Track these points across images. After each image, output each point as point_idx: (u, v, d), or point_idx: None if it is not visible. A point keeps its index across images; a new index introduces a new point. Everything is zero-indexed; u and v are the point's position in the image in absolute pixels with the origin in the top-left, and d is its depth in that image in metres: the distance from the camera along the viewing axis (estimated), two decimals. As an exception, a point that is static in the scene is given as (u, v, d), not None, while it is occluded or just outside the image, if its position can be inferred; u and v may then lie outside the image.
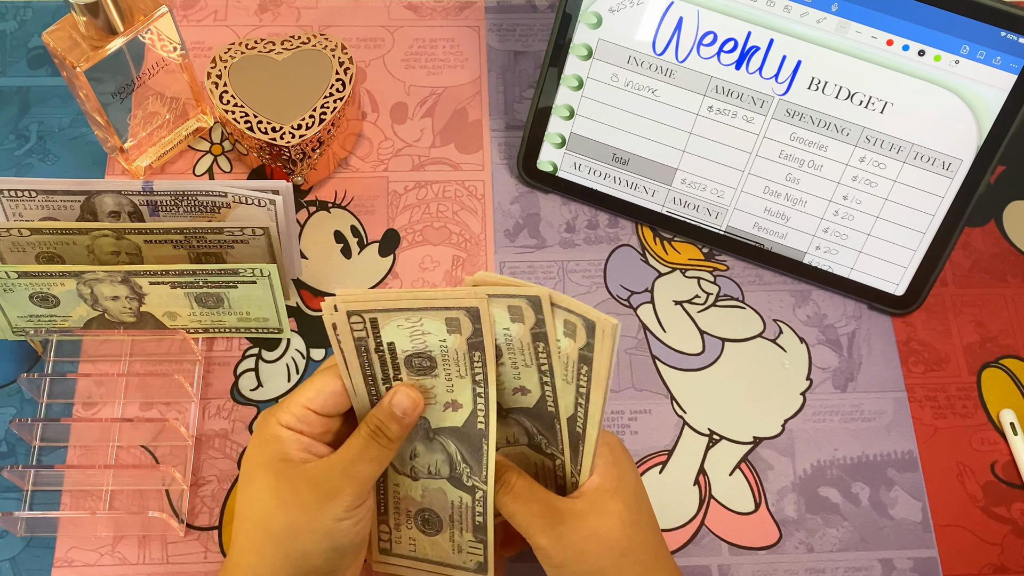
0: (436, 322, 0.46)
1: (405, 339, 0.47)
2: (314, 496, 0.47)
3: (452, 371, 0.48)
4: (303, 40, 0.69)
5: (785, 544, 0.63)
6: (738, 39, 0.63)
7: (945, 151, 0.63)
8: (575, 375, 0.47)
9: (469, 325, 0.46)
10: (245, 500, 0.49)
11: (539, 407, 0.50)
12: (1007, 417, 0.66)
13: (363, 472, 0.48)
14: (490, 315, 0.46)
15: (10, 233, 0.60)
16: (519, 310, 0.46)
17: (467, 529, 0.53)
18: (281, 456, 0.48)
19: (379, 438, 0.49)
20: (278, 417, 0.49)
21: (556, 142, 0.70)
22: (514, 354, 0.48)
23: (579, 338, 0.46)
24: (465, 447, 0.51)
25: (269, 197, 0.61)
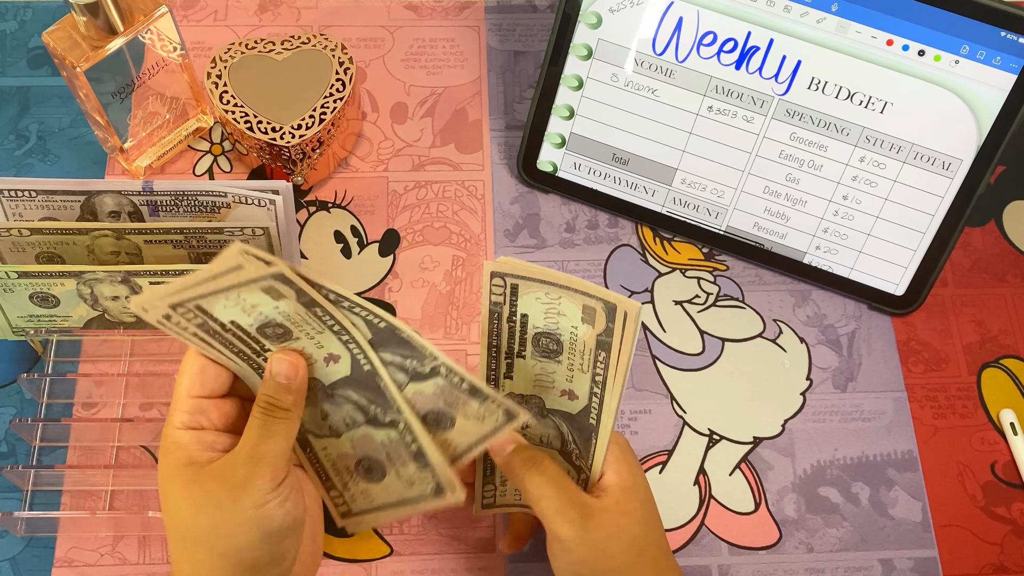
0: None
1: (540, 315, 0.46)
2: (226, 491, 0.46)
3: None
4: (303, 40, 0.69)
5: (785, 544, 0.63)
6: (738, 39, 0.63)
7: (945, 151, 0.63)
8: (591, 363, 0.47)
9: (603, 321, 0.45)
10: (166, 514, 0.48)
11: (581, 416, 0.50)
12: (1007, 417, 0.66)
13: (268, 450, 0.47)
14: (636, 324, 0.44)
15: (10, 233, 0.60)
16: (592, 312, 0.45)
17: (408, 460, 0.52)
18: (186, 461, 0.47)
19: (274, 412, 0.47)
20: (172, 422, 0.47)
21: (556, 142, 0.70)
22: (573, 356, 0.47)
23: (598, 324, 0.45)
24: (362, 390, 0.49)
25: (269, 197, 0.61)
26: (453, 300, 0.69)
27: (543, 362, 0.48)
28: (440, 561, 0.61)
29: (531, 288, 0.45)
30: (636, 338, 0.44)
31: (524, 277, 0.45)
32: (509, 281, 0.45)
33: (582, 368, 0.47)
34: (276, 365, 0.48)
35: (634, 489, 0.50)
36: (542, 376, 0.49)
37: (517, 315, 0.47)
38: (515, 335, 0.47)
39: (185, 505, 0.47)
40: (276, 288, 0.44)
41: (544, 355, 0.48)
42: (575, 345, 0.47)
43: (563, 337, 0.47)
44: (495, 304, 0.46)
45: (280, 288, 0.44)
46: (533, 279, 0.45)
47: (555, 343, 0.47)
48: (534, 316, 0.46)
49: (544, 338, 0.47)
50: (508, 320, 0.47)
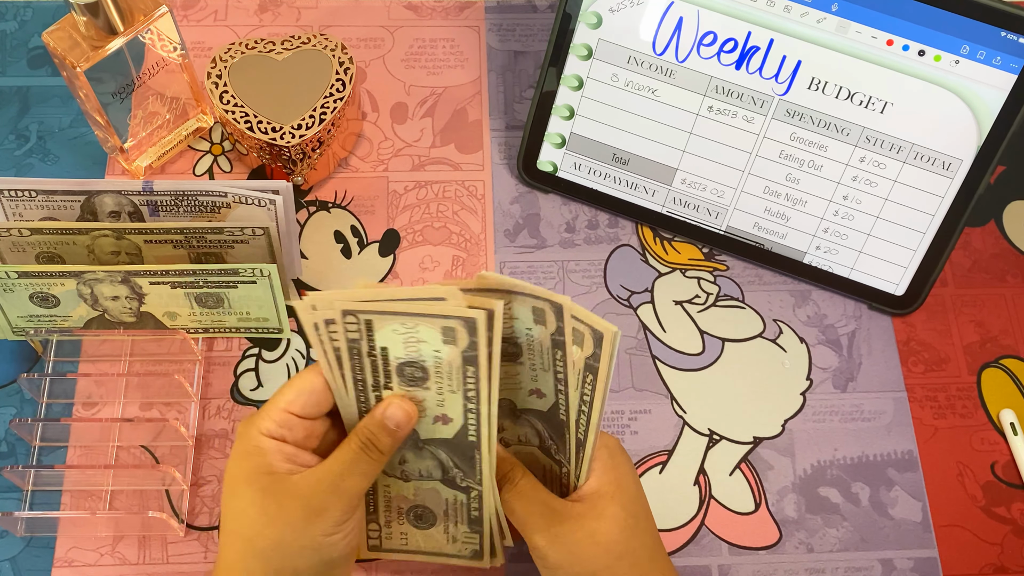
0: (431, 331, 0.45)
1: (399, 345, 0.46)
2: (302, 512, 0.46)
3: (444, 385, 0.47)
4: (303, 40, 0.69)
5: (785, 544, 0.63)
6: (738, 39, 0.63)
7: (945, 151, 0.63)
8: (580, 383, 0.47)
9: (466, 337, 0.45)
10: (230, 515, 0.48)
11: (552, 412, 0.50)
12: (1007, 417, 0.66)
13: (352, 487, 0.47)
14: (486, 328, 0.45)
15: (10, 233, 0.60)
16: (543, 313, 0.46)
17: (462, 522, 0.53)
18: (265, 469, 0.47)
19: (370, 451, 0.48)
20: (258, 426, 0.47)
21: (556, 142, 0.70)
22: (533, 356, 0.48)
23: (586, 347, 0.45)
24: (457, 456, 0.50)
25: (269, 197, 0.61)
26: (453, 300, 0.69)
27: (411, 390, 0.48)
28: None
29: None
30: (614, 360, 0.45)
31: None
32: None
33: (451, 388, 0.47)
34: (393, 408, 0.48)
35: (614, 495, 0.50)
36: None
37: (377, 348, 0.46)
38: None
39: (255, 512, 0.47)
40: (456, 332, 0.45)
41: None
42: (440, 366, 0.46)
43: (427, 363, 0.46)
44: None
45: (460, 333, 0.45)
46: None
47: (420, 370, 0.47)
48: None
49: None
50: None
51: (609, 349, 0.45)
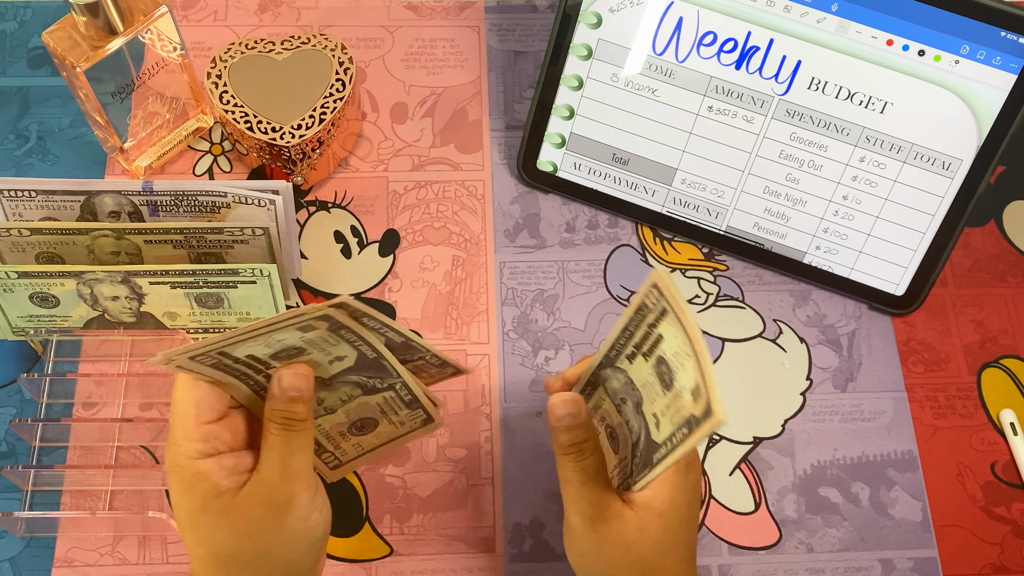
0: (288, 332, 0.46)
1: (263, 349, 0.46)
2: (271, 513, 0.46)
3: (324, 346, 0.47)
4: (303, 40, 0.69)
5: (785, 544, 0.63)
6: (738, 39, 0.63)
7: (945, 151, 0.63)
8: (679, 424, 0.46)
9: (323, 323, 0.46)
10: (199, 542, 0.47)
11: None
12: (1007, 417, 0.66)
13: (299, 465, 0.47)
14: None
15: (10, 233, 0.60)
16: (309, 326, 0.46)
17: (401, 408, 0.53)
18: (215, 491, 0.46)
19: (291, 425, 0.47)
20: (187, 452, 0.46)
21: (556, 142, 0.70)
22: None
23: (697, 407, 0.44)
24: (368, 372, 0.50)
25: (269, 197, 0.61)
26: (453, 300, 0.69)
27: (654, 380, 0.48)
28: (440, 561, 0.61)
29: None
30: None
31: (227, 345, 0.45)
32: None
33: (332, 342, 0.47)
34: (286, 380, 0.47)
35: (663, 512, 0.49)
36: (646, 387, 0.49)
37: (242, 358, 0.47)
38: (253, 365, 0.47)
39: (225, 535, 0.46)
40: (314, 325, 0.45)
41: (292, 357, 0.48)
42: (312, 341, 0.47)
43: (297, 345, 0.47)
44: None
45: (316, 324, 0.45)
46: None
47: (294, 350, 0.47)
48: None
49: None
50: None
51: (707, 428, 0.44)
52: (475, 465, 0.64)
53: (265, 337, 0.45)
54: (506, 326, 0.68)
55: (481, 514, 0.62)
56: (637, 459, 0.51)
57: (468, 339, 0.67)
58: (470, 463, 0.64)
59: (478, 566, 0.61)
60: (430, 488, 0.63)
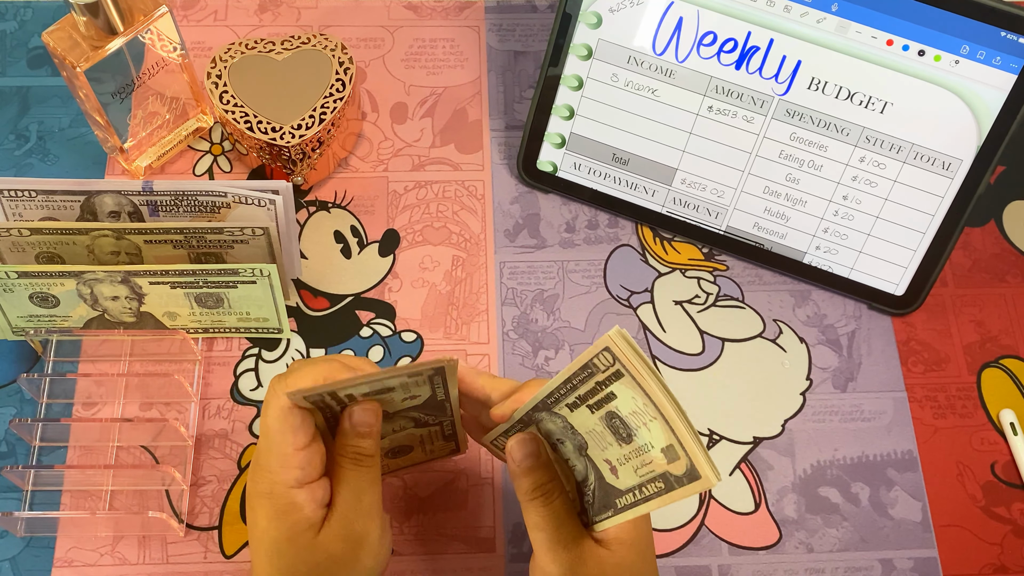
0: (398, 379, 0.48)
1: (628, 408, 0.45)
2: (348, 549, 0.48)
3: (411, 388, 0.49)
4: (303, 40, 0.69)
5: (785, 544, 0.63)
6: (738, 39, 0.63)
7: (945, 151, 0.63)
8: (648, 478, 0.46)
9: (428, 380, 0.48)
10: (280, 573, 0.48)
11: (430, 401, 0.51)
12: (1007, 417, 0.66)
13: (371, 501, 0.48)
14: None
15: (10, 233, 0.60)
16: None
17: (437, 439, 0.56)
18: (306, 524, 0.47)
19: (362, 461, 0.49)
20: (285, 480, 0.47)
21: (556, 142, 0.70)
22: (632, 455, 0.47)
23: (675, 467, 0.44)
24: (428, 410, 0.52)
25: (269, 197, 0.61)
26: (453, 300, 0.69)
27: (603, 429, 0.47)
28: (440, 561, 0.61)
29: (630, 387, 0.44)
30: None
31: (633, 374, 0.43)
32: (618, 366, 0.44)
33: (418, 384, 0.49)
34: (357, 415, 0.49)
35: (633, 543, 0.49)
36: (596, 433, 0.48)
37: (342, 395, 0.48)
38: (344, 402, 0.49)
39: (307, 569, 0.47)
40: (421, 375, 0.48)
41: (611, 428, 0.47)
42: (641, 449, 0.46)
43: (636, 436, 0.45)
44: (591, 366, 0.45)
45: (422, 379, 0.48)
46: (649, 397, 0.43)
47: (626, 431, 0.46)
48: (623, 405, 0.45)
49: (619, 422, 0.46)
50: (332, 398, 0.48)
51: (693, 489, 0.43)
52: (475, 465, 0.64)
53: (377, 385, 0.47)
54: (506, 326, 0.68)
55: (481, 514, 0.62)
56: (589, 498, 0.50)
57: (468, 339, 0.67)
58: (470, 463, 0.64)
59: (478, 566, 0.61)
60: (430, 488, 0.63)
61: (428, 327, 0.68)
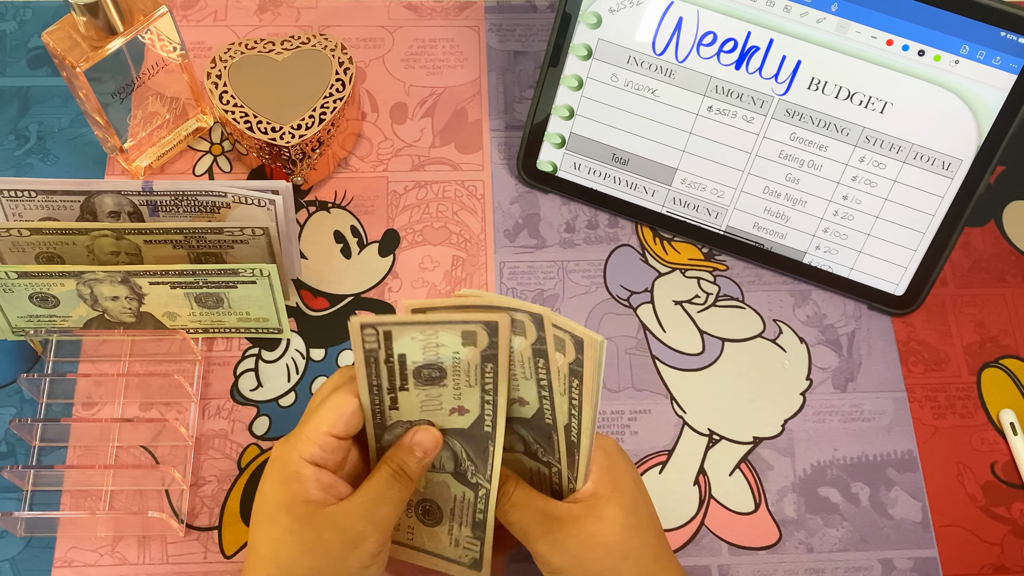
0: (452, 335, 0.46)
1: (417, 351, 0.47)
2: (340, 543, 0.47)
3: (461, 381, 0.48)
4: (303, 40, 0.69)
5: (785, 544, 0.63)
6: (738, 39, 0.63)
7: (945, 151, 0.63)
8: (567, 387, 0.47)
9: (486, 338, 0.46)
10: (265, 541, 0.48)
11: (536, 418, 0.50)
12: (1007, 417, 0.66)
13: (386, 515, 0.48)
14: (508, 329, 0.46)
15: (10, 233, 0.60)
16: (522, 325, 0.46)
17: (467, 524, 0.53)
18: (304, 498, 0.47)
19: (400, 477, 0.48)
20: (301, 451, 0.47)
21: (556, 142, 0.70)
22: (514, 366, 0.48)
23: (568, 353, 0.46)
24: (471, 447, 0.51)
25: (269, 197, 0.61)
26: (453, 300, 0.69)
27: (427, 388, 0.48)
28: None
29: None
30: (602, 368, 0.46)
31: (396, 323, 0.46)
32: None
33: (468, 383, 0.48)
34: (421, 436, 0.49)
35: (611, 496, 0.50)
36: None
37: (395, 356, 0.47)
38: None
39: (293, 541, 0.47)
40: (476, 335, 0.46)
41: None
42: (458, 366, 0.47)
43: (445, 364, 0.47)
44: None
45: (480, 336, 0.46)
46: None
47: (437, 371, 0.47)
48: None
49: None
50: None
51: (594, 355, 0.45)
52: (475, 465, 0.64)
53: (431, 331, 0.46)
54: (506, 326, 0.68)
55: (481, 514, 0.62)
56: (539, 451, 0.51)
57: (468, 339, 0.67)
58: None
59: (478, 566, 0.61)
60: (430, 488, 0.63)
61: (428, 327, 0.68)
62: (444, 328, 0.46)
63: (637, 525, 0.50)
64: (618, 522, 0.50)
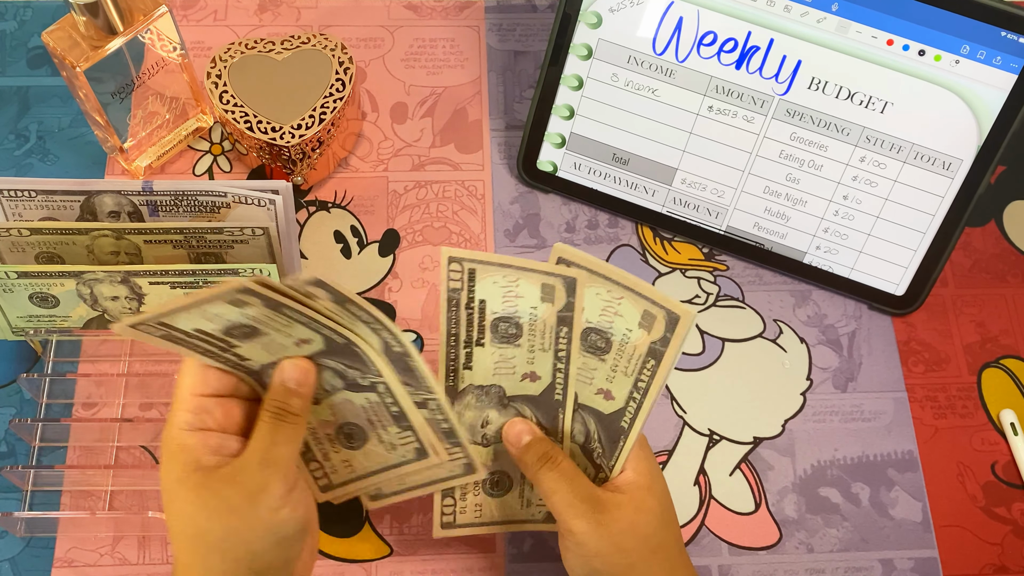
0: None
1: (498, 298, 0.46)
2: (241, 496, 0.46)
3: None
4: (303, 40, 0.69)
5: (785, 544, 0.63)
6: (738, 39, 0.63)
7: (945, 151, 0.63)
8: (638, 368, 0.47)
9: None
10: (175, 518, 0.47)
11: (545, 396, 0.50)
12: (1007, 417, 0.66)
13: (281, 456, 0.47)
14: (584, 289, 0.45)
15: (10, 233, 0.60)
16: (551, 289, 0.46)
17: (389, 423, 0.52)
18: (194, 465, 0.46)
19: (284, 417, 0.47)
20: (176, 423, 0.47)
21: (556, 142, 0.70)
22: (534, 336, 0.48)
23: (655, 331, 0.45)
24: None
25: (269, 197, 0.61)
26: (453, 300, 0.69)
27: (503, 348, 0.48)
28: (440, 561, 0.61)
29: (488, 272, 0.45)
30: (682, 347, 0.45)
31: (482, 262, 0.46)
32: (467, 266, 0.46)
33: (543, 347, 0.48)
34: (288, 371, 0.48)
35: (651, 486, 0.50)
36: (501, 363, 0.49)
37: (476, 301, 0.46)
38: (474, 323, 0.47)
39: (196, 510, 0.46)
40: (555, 290, 0.46)
41: (504, 340, 0.48)
42: (535, 324, 0.47)
43: (522, 320, 0.47)
44: (453, 291, 0.46)
45: (558, 292, 0.46)
46: (491, 263, 0.46)
47: (514, 327, 0.47)
48: (492, 301, 0.46)
49: (503, 323, 0.47)
50: (467, 307, 0.47)
51: (683, 332, 0.44)
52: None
53: (199, 310, 0.44)
54: (506, 326, 0.68)
55: (481, 514, 0.62)
56: (598, 451, 0.51)
57: (468, 339, 0.67)
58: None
59: (478, 566, 0.61)
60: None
61: (428, 327, 0.68)
62: (526, 275, 0.46)
63: (669, 520, 0.51)
64: (655, 515, 0.50)
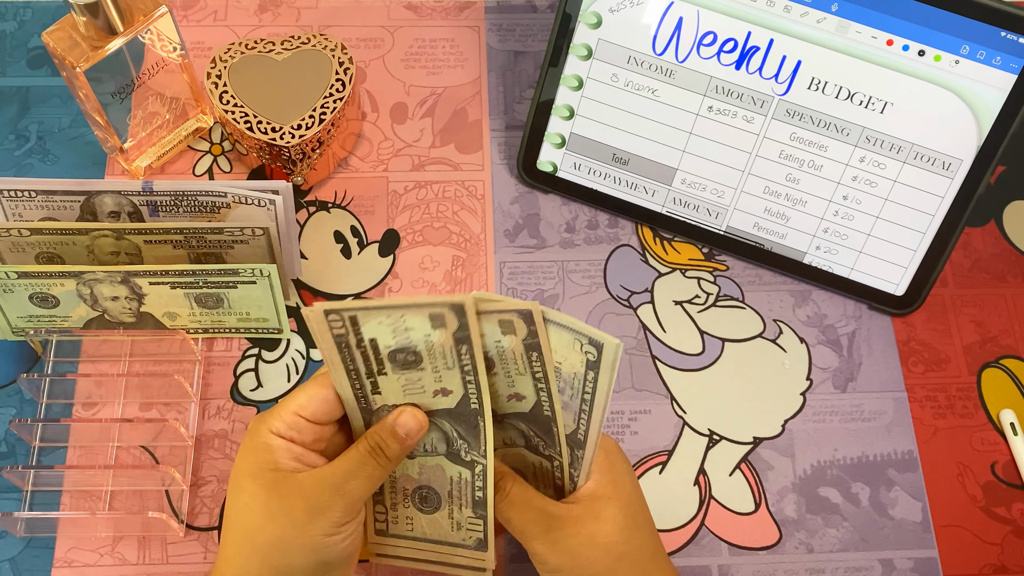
0: (419, 319, 0.46)
1: (387, 335, 0.46)
2: (303, 510, 0.46)
3: (439, 364, 0.47)
4: (303, 40, 0.69)
5: (785, 544, 0.63)
6: (738, 39, 0.63)
7: (945, 151, 0.63)
8: (526, 363, 0.47)
9: (455, 320, 0.46)
10: (234, 509, 0.48)
11: (535, 411, 0.50)
12: (1007, 417, 0.66)
13: (356, 489, 0.47)
14: (476, 310, 0.45)
15: (10, 233, 0.60)
16: (510, 323, 0.46)
17: (467, 505, 0.53)
18: (271, 465, 0.47)
19: (377, 456, 0.48)
20: (269, 424, 0.48)
21: (556, 142, 0.70)
22: (507, 363, 0.48)
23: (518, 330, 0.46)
24: (461, 425, 0.50)
25: (269, 197, 0.61)
26: (453, 300, 0.69)
27: (406, 372, 0.48)
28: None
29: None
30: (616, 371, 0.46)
31: (361, 308, 0.45)
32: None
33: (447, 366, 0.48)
34: (405, 417, 0.48)
35: (611, 496, 0.50)
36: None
37: (366, 340, 0.47)
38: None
39: (257, 507, 0.47)
40: (445, 316, 0.45)
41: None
42: (432, 349, 0.47)
43: (419, 348, 0.47)
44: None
45: (448, 318, 0.45)
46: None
47: (412, 354, 0.47)
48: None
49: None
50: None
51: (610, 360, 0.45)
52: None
53: (399, 314, 0.45)
54: (506, 326, 0.68)
55: (481, 514, 0.62)
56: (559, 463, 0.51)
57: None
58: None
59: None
60: (430, 488, 0.63)
61: (428, 327, 0.68)
62: (409, 311, 0.45)
63: (635, 526, 0.50)
64: (617, 523, 0.50)
